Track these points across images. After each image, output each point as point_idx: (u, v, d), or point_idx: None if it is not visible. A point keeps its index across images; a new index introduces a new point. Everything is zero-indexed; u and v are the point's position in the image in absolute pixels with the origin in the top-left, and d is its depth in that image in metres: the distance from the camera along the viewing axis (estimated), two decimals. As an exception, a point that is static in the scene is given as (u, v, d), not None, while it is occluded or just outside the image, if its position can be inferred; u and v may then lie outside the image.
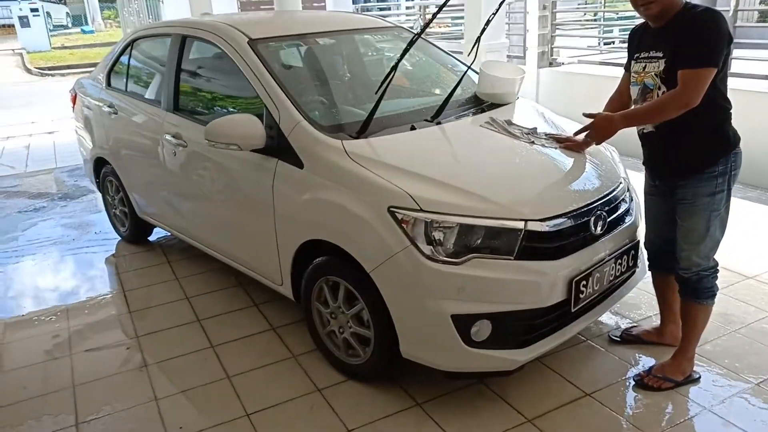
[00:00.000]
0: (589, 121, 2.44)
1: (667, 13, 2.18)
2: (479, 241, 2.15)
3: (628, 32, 2.50)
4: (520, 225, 2.17)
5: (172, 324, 3.16)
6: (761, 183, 4.55)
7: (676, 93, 2.14)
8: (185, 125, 3.21)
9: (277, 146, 2.60)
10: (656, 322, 2.79)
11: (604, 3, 14.64)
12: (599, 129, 2.38)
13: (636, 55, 2.34)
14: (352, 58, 3.48)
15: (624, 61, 2.49)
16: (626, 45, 2.49)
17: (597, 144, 2.61)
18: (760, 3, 12.68)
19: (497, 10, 3.08)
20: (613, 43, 10.80)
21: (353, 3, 11.89)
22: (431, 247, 2.14)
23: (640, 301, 3.05)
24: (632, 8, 2.27)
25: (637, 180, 2.75)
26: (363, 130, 2.55)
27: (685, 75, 2.11)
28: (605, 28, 10.17)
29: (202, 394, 2.57)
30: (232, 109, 3.14)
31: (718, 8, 2.28)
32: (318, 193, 2.43)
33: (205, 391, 2.59)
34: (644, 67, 2.28)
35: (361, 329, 2.43)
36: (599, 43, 10.32)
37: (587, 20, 12.21)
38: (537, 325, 2.24)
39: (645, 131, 2.36)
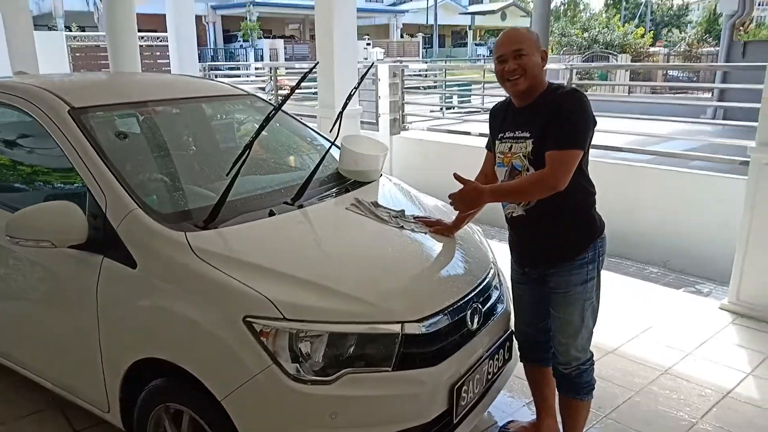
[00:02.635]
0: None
1: (534, 91, 2.13)
2: (352, 351, 1.87)
3: (490, 109, 2.42)
4: (397, 328, 1.92)
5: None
6: (609, 250, 4.82)
7: (543, 174, 2.07)
8: (-15, 210, 2.59)
9: (103, 240, 2.13)
10: (532, 410, 2.67)
11: (445, 72, 15.72)
12: (466, 199, 2.18)
13: (500, 135, 2.26)
14: (199, 129, 3.11)
15: (472, 129, 2.41)
16: (471, 115, 2.40)
17: (460, 212, 2.41)
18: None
19: (359, 84, 2.92)
20: (453, 108, 11.53)
21: (200, 61, 11.40)
22: (297, 364, 1.81)
23: (512, 389, 2.93)
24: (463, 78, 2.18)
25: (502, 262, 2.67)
26: (212, 218, 2.18)
27: (553, 156, 2.05)
28: (446, 95, 10.76)
29: None
30: (48, 191, 2.60)
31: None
32: (154, 299, 2.00)
33: None
34: (510, 148, 2.20)
35: (213, 466, 2.00)
36: (441, 109, 10.93)
37: (427, 87, 12.93)
38: (418, 445, 1.98)
39: (514, 215, 2.25)
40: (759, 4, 23.36)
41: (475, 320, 2.20)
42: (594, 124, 2.11)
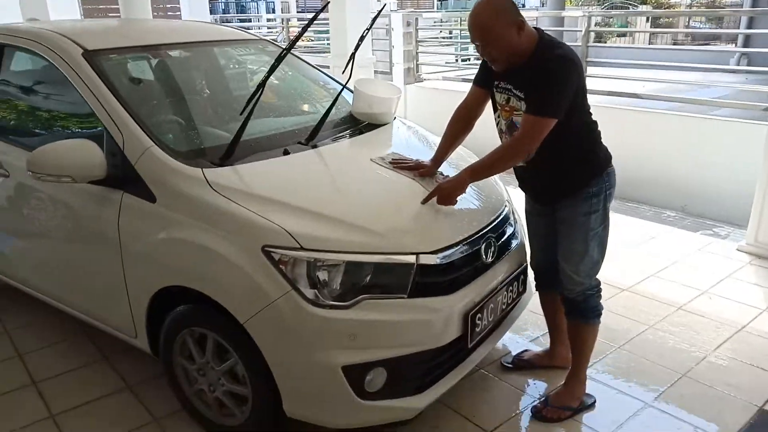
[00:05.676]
0: None
1: (516, 63, 2.08)
2: (369, 280, 1.92)
3: None
4: (412, 259, 1.97)
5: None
6: (626, 195, 4.81)
7: (515, 139, 2.11)
8: (6, 151, 2.66)
9: (122, 176, 2.18)
10: (546, 343, 2.73)
11: (460, 21, 15.38)
12: (450, 194, 2.15)
13: (496, 83, 2.22)
14: (212, 72, 3.11)
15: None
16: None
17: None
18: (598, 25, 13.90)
19: (371, 26, 2.89)
20: (470, 59, 11.34)
21: (211, 14, 11.28)
22: (315, 290, 1.86)
23: (527, 322, 2.99)
24: None
25: (516, 196, 2.68)
26: (228, 155, 2.21)
27: (527, 120, 2.07)
28: (462, 46, 10.57)
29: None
30: (65, 131, 2.64)
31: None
32: (175, 231, 2.05)
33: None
34: (508, 101, 2.18)
35: (237, 387, 2.09)
36: (457, 60, 10.76)
37: (444, 38, 12.66)
38: (434, 366, 2.05)
39: (516, 165, 2.28)
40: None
41: (490, 253, 2.24)
42: (580, 85, 2.08)
